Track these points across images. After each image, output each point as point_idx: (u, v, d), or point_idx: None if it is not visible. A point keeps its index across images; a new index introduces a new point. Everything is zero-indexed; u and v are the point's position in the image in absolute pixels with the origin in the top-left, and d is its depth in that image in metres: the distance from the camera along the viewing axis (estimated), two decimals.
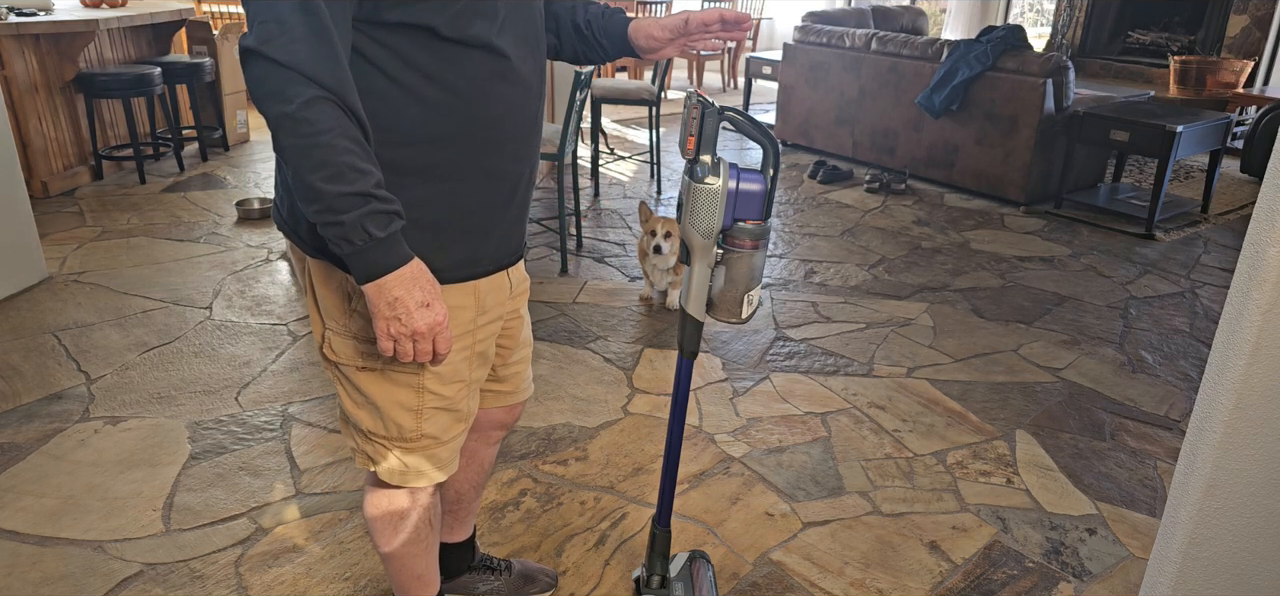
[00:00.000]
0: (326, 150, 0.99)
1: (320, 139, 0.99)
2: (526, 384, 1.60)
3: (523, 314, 1.49)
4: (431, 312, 1.10)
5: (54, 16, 4.31)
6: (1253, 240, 1.11)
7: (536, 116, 1.28)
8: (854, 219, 4.64)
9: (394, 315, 1.08)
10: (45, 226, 3.92)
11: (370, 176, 1.03)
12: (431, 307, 1.10)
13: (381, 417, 1.28)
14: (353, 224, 1.02)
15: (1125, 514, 2.22)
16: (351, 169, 1.01)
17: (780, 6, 10.12)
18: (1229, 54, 8.15)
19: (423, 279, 1.10)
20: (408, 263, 1.08)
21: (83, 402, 2.56)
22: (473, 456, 1.64)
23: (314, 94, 0.98)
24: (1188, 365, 3.05)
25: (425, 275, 1.11)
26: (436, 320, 1.11)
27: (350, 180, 1.00)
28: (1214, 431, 1.18)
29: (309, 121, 0.98)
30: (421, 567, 1.49)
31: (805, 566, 1.98)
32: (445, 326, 1.12)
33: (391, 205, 1.05)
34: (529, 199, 1.35)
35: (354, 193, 1.01)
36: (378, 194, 1.03)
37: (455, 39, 1.10)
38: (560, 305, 3.37)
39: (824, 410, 2.67)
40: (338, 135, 1.00)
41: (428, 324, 1.10)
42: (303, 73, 0.97)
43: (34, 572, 1.88)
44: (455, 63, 1.12)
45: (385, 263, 1.06)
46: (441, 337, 1.13)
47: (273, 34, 0.97)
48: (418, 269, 1.10)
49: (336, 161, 1.00)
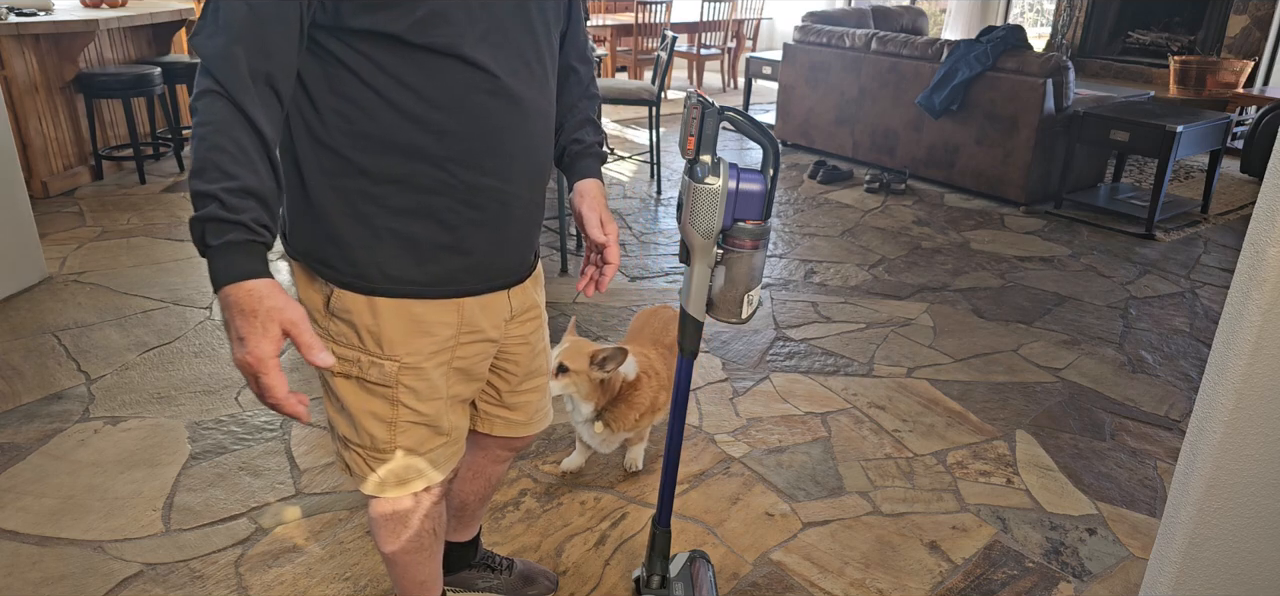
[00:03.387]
0: (200, 144, 0.99)
1: (200, 131, 0.99)
2: (540, 415, 1.54)
3: (531, 341, 1.43)
4: (243, 348, 0.99)
5: (54, 16, 4.31)
6: (1253, 240, 1.11)
7: (534, 136, 1.23)
8: (854, 219, 4.64)
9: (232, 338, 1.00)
10: (45, 226, 3.92)
11: (231, 180, 0.97)
12: (244, 343, 0.98)
13: (356, 426, 1.27)
14: (195, 224, 0.98)
15: (1125, 514, 2.22)
16: (214, 166, 0.97)
17: (780, 6, 10.13)
18: (1229, 54, 8.15)
19: (245, 307, 0.98)
20: (235, 284, 0.97)
21: (83, 402, 2.56)
22: (479, 472, 1.62)
23: (207, 86, 1.00)
24: (1188, 365, 3.05)
25: (248, 304, 0.98)
26: (247, 360, 0.99)
27: (208, 178, 0.97)
28: (1214, 431, 1.18)
29: (197, 112, 1.00)
30: (424, 574, 1.49)
31: (805, 566, 1.98)
32: (266, 371, 0.99)
33: (236, 216, 0.96)
34: (532, 221, 1.30)
35: (205, 191, 0.97)
36: (225, 199, 0.96)
37: (423, 46, 1.07)
38: (560, 305, 3.37)
39: (824, 410, 2.67)
40: (217, 131, 0.98)
41: (239, 360, 1.00)
42: (205, 64, 1.01)
43: (34, 572, 1.88)
44: (432, 72, 1.09)
45: (217, 277, 0.98)
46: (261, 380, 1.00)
47: (201, 25, 1.01)
48: (245, 295, 0.98)
49: (204, 157, 0.98)
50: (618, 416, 2.08)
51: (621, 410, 2.08)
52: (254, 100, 1.01)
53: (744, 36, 9.25)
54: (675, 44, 4.76)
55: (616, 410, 2.07)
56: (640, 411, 2.12)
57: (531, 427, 1.54)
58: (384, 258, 1.17)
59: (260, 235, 1.00)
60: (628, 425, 2.10)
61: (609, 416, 2.08)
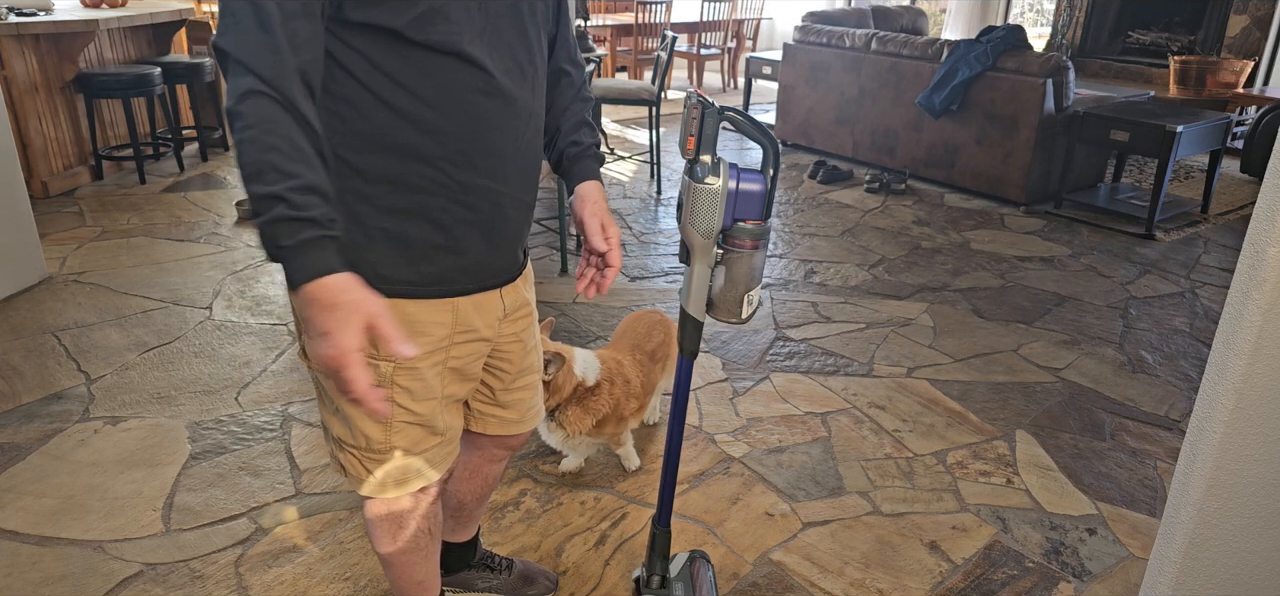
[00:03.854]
0: (251, 147, 0.96)
1: (247, 135, 0.97)
2: (533, 412, 1.56)
3: (523, 339, 1.44)
4: (327, 343, 0.97)
5: (54, 16, 4.31)
6: (1253, 240, 1.11)
7: (525, 136, 1.23)
8: (854, 219, 4.64)
9: (312, 336, 0.99)
10: (45, 226, 3.92)
11: (293, 179, 0.96)
12: (329, 338, 0.97)
13: (351, 428, 1.27)
14: (265, 227, 0.96)
15: (1125, 514, 2.22)
16: (272, 168, 0.96)
17: (780, 6, 10.13)
18: (1229, 54, 8.15)
19: (327, 302, 0.97)
20: (314, 280, 0.97)
21: (83, 402, 2.56)
22: (476, 471, 1.62)
23: (250, 86, 0.97)
24: (1188, 365, 3.05)
25: (329, 299, 0.97)
26: (330, 355, 0.97)
27: (268, 180, 0.96)
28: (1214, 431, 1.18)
29: (241, 115, 0.97)
30: (421, 574, 1.49)
31: (805, 566, 1.98)
32: (349, 364, 0.97)
33: (304, 213, 0.96)
34: (524, 222, 1.31)
35: (268, 193, 0.95)
36: (290, 198, 0.95)
37: (421, 43, 1.07)
38: (560, 305, 3.37)
39: (824, 410, 2.67)
40: (265, 131, 0.97)
41: (323, 356, 0.98)
42: (243, 63, 0.97)
43: (34, 572, 1.88)
44: (427, 71, 1.09)
45: (295, 276, 0.97)
46: (345, 374, 0.98)
47: (227, 26, 0.98)
48: (326, 290, 0.97)
49: (259, 159, 0.96)
50: (571, 418, 2.05)
51: (575, 412, 2.04)
52: (299, 93, 1.00)
53: (744, 36, 9.25)
54: (675, 44, 4.76)
55: (570, 411, 2.04)
56: (598, 417, 2.07)
57: (524, 425, 1.54)
58: (377, 258, 1.16)
59: (331, 230, 0.99)
60: (584, 429, 2.05)
61: (561, 417, 2.05)
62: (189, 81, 5.09)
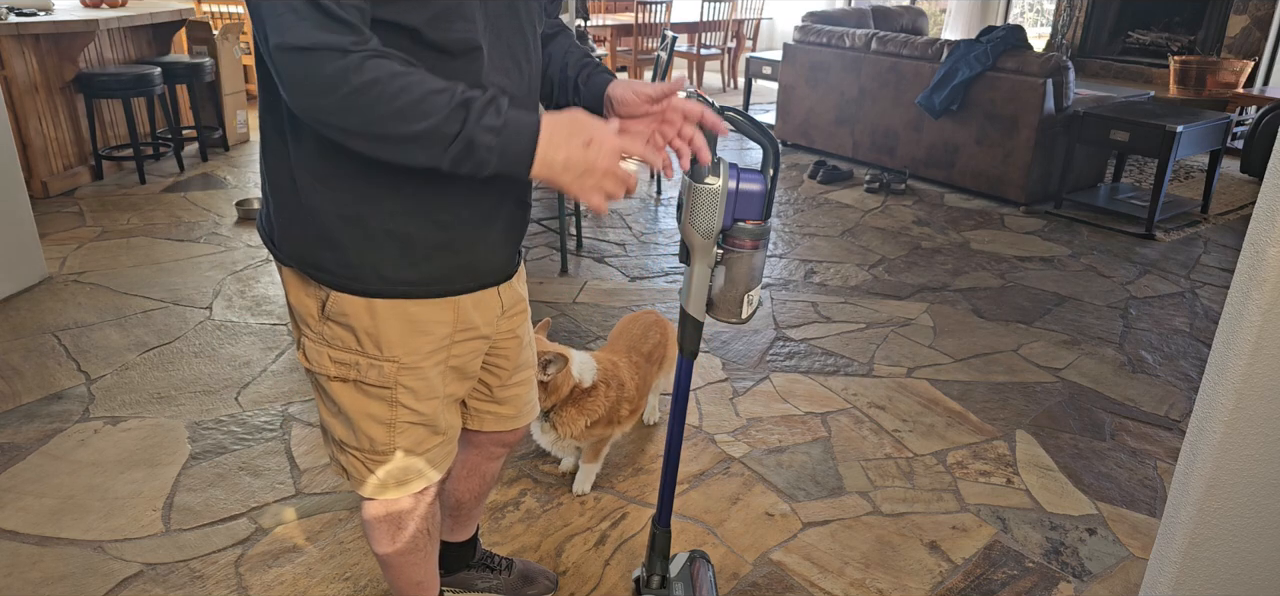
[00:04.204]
0: (402, 93, 0.96)
1: (392, 88, 0.96)
2: (528, 407, 1.56)
3: (520, 335, 1.45)
4: (599, 143, 1.05)
5: (54, 16, 4.31)
6: (1253, 240, 1.11)
7: None
8: (854, 219, 4.64)
9: (580, 173, 1.04)
10: (45, 226, 3.92)
11: (450, 89, 0.99)
12: (596, 139, 1.05)
13: (354, 429, 1.27)
14: (474, 136, 0.99)
15: (1125, 514, 2.22)
16: (432, 93, 0.98)
17: (780, 6, 10.13)
18: (1229, 54, 8.15)
19: (565, 123, 1.05)
20: (541, 125, 1.03)
21: (83, 402, 2.56)
22: (474, 470, 1.63)
23: (354, 62, 0.95)
24: (1188, 365, 3.05)
25: (565, 118, 1.05)
26: (610, 148, 1.05)
27: (439, 103, 0.97)
28: (1214, 431, 1.18)
29: (370, 85, 0.95)
30: (420, 574, 1.49)
31: (805, 566, 1.98)
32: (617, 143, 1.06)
33: (487, 93, 1.01)
34: (520, 219, 1.32)
35: (452, 108, 0.98)
36: (469, 95, 0.99)
37: (436, 44, 1.07)
38: (560, 305, 3.37)
39: (824, 410, 2.67)
40: (399, 77, 0.97)
41: (606, 156, 1.05)
42: (331, 48, 0.95)
43: (34, 572, 1.88)
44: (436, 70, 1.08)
45: (525, 141, 1.02)
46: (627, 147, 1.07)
47: (291, 23, 0.94)
48: (554, 120, 1.04)
49: (417, 97, 0.97)
50: (565, 419, 2.03)
51: (570, 413, 2.03)
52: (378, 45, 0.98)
53: (744, 36, 9.25)
54: (675, 44, 4.76)
55: (565, 412, 2.03)
56: (592, 419, 2.05)
57: (521, 420, 1.55)
58: (379, 259, 1.16)
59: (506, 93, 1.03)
60: (575, 431, 2.04)
61: (556, 417, 2.03)
62: (189, 81, 5.09)
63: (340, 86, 0.95)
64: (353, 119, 0.97)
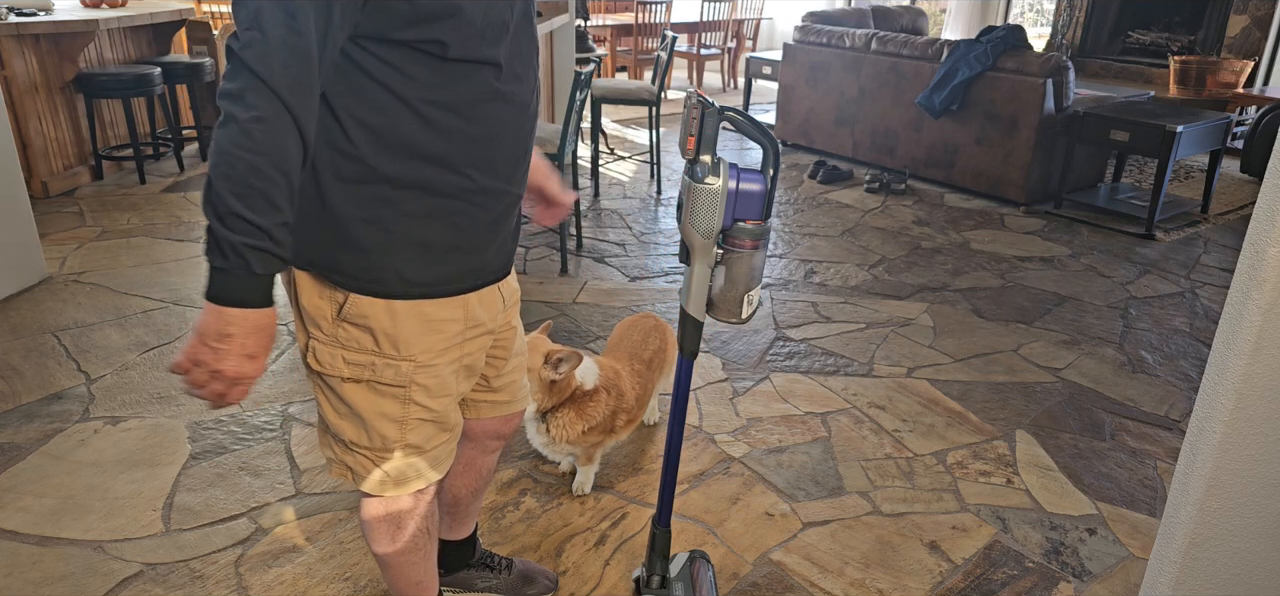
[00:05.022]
0: (250, 171, 0.98)
1: (250, 157, 0.97)
2: (522, 394, 1.60)
3: (515, 324, 1.49)
4: (252, 365, 1.07)
5: (54, 16, 4.31)
6: (1253, 240, 1.11)
7: (528, 137, 1.28)
8: (854, 219, 4.64)
9: (215, 346, 1.05)
10: (45, 226, 3.92)
11: (279, 214, 1.01)
12: (255, 360, 1.07)
13: (366, 428, 1.28)
14: (237, 247, 1.00)
15: (1125, 514, 2.22)
16: (265, 199, 0.99)
17: (780, 6, 10.13)
18: (1229, 54, 8.15)
19: (265, 331, 1.07)
20: (265, 308, 1.06)
21: (83, 402, 2.56)
22: (470, 464, 1.63)
23: (269, 113, 0.97)
24: (1188, 365, 3.05)
25: (269, 330, 1.08)
26: (251, 373, 1.08)
27: (258, 209, 0.99)
28: (1214, 431, 1.18)
29: (250, 136, 0.97)
30: (419, 574, 1.49)
31: (805, 566, 1.98)
32: (250, 384, 1.10)
33: (283, 252, 1.03)
34: (519, 218, 1.35)
35: (254, 222, 0.99)
36: (276, 235, 1.01)
37: (461, 58, 1.10)
38: (560, 305, 3.37)
39: (824, 410, 2.67)
40: (270, 162, 0.99)
41: (238, 372, 1.07)
42: (269, 85, 0.97)
43: (34, 572, 1.88)
44: (457, 81, 1.12)
45: (244, 297, 1.04)
46: (238, 390, 1.09)
47: (254, 40, 0.97)
48: (267, 320, 1.07)
49: (254, 185, 0.98)
50: (564, 422, 2.00)
51: (569, 416, 2.00)
52: (311, 115, 1.01)
53: (744, 36, 9.25)
54: (675, 44, 4.76)
55: (564, 415, 2.00)
56: (590, 424, 2.03)
57: (515, 406, 1.57)
58: (401, 262, 1.18)
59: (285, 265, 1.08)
60: (573, 436, 2.01)
61: (554, 419, 2.00)
62: (189, 81, 5.09)
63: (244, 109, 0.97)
64: (222, 129, 0.99)
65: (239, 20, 0.98)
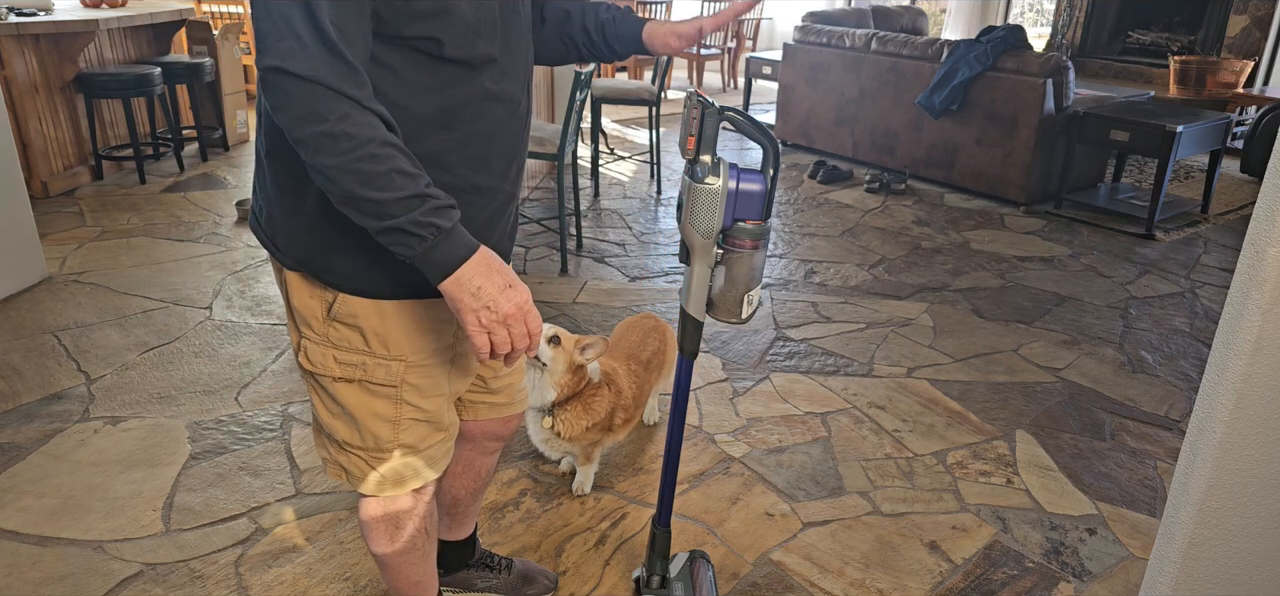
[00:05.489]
0: (371, 161, 0.98)
1: (363, 151, 0.97)
2: (521, 396, 1.60)
3: None
4: (517, 293, 1.08)
5: (54, 16, 4.31)
6: (1253, 240, 1.11)
7: (522, 135, 1.28)
8: (854, 219, 4.64)
9: (481, 304, 1.06)
10: (45, 226, 3.92)
11: (419, 177, 1.01)
12: (514, 288, 1.08)
13: (358, 428, 1.27)
14: (417, 224, 1.00)
15: (1125, 514, 2.22)
16: (399, 173, 0.99)
17: (780, 6, 10.13)
18: (1229, 54, 8.15)
19: (495, 262, 1.08)
20: (478, 250, 1.07)
21: (83, 402, 2.56)
22: (469, 465, 1.63)
23: (345, 109, 0.97)
24: (1188, 365, 3.05)
25: (497, 259, 1.09)
26: (523, 300, 1.09)
27: (402, 185, 0.99)
28: (1214, 431, 1.18)
29: (349, 136, 0.96)
30: (418, 574, 1.49)
31: (805, 566, 1.98)
32: (530, 304, 1.10)
33: (446, 199, 1.04)
34: (515, 215, 1.34)
35: (409, 195, 1.00)
36: (432, 191, 1.02)
37: (456, 58, 1.09)
38: (560, 305, 3.37)
39: (824, 410, 2.67)
40: (378, 144, 0.98)
41: (516, 305, 1.08)
42: (328, 86, 0.96)
43: (34, 572, 1.88)
44: (453, 81, 1.11)
45: (457, 254, 1.04)
46: (531, 317, 1.10)
47: (292, 50, 0.95)
48: (488, 254, 1.08)
49: (385, 170, 0.98)
50: (570, 416, 2.03)
51: (576, 411, 2.03)
52: (371, 99, 1.00)
53: (744, 36, 9.25)
54: None
55: (572, 408, 2.03)
56: (593, 420, 2.05)
57: (514, 408, 1.57)
58: (391, 261, 1.17)
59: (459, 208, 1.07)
60: (577, 431, 2.03)
61: (562, 412, 2.02)
62: (189, 81, 5.09)
63: (323, 123, 0.96)
64: (321, 156, 0.98)
65: (264, 30, 0.96)
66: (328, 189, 1.00)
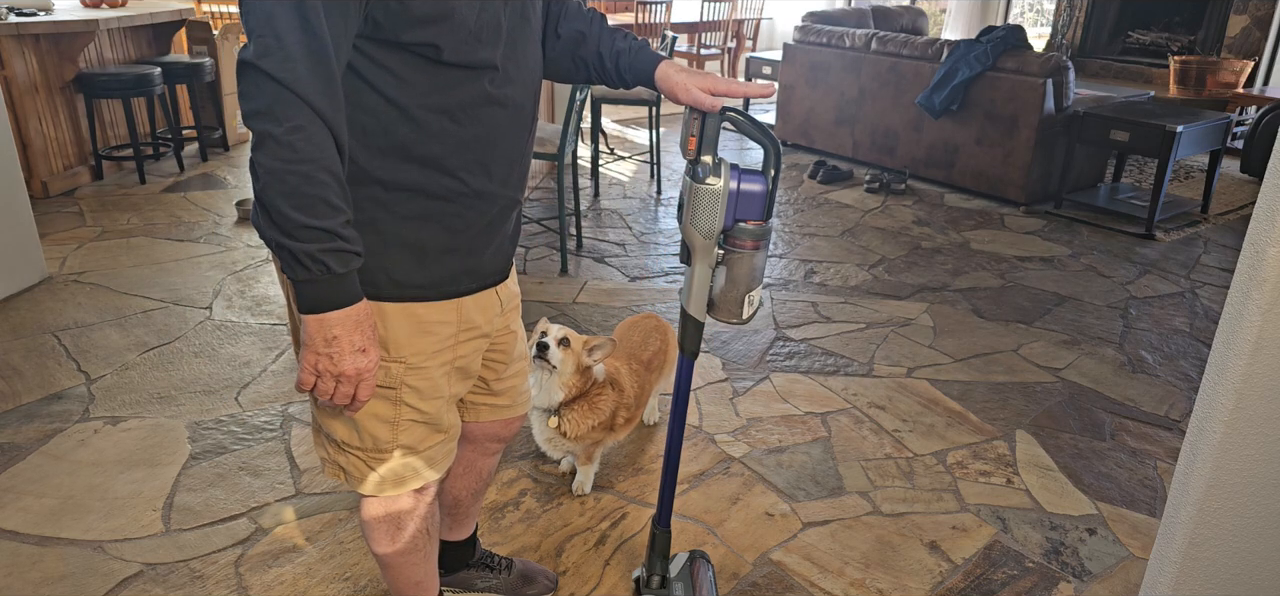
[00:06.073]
0: (303, 180, 0.98)
1: (300, 168, 0.97)
2: (523, 398, 1.59)
3: (515, 329, 1.48)
4: (365, 358, 1.10)
5: (54, 16, 4.31)
6: (1253, 240, 1.11)
7: (527, 141, 1.28)
8: (854, 219, 4.64)
9: (327, 352, 1.08)
10: (45, 226, 3.92)
11: (340, 214, 1.02)
12: (366, 353, 1.10)
13: (357, 429, 1.28)
14: (312, 255, 1.01)
15: (1125, 514, 2.22)
16: (324, 203, 1.00)
17: (780, 6, 10.12)
18: (1229, 54, 8.15)
19: (366, 323, 1.10)
20: (357, 303, 1.08)
21: (83, 402, 2.55)
22: (470, 466, 1.63)
23: (303, 120, 0.97)
24: (1188, 365, 3.05)
25: (369, 320, 1.11)
26: (366, 367, 1.11)
27: (320, 214, 1.00)
28: (1214, 431, 1.18)
29: (293, 148, 0.97)
30: (419, 574, 1.49)
31: (805, 566, 1.98)
32: (372, 375, 1.12)
33: (355, 246, 1.05)
34: (517, 220, 1.35)
35: (320, 227, 1.00)
36: (344, 233, 1.03)
37: (456, 62, 1.09)
38: (560, 305, 3.37)
39: (824, 410, 2.67)
40: (318, 167, 0.99)
41: (356, 368, 1.10)
42: (297, 92, 0.96)
43: (34, 572, 1.88)
44: (453, 86, 1.12)
45: (335, 299, 1.05)
46: (365, 385, 1.12)
47: (271, 48, 0.95)
48: (364, 312, 1.09)
49: (311, 193, 0.98)
50: (575, 417, 2.04)
51: (582, 411, 2.04)
52: (341, 115, 1.01)
53: (744, 36, 9.24)
54: (675, 44, 4.76)
55: (578, 409, 2.04)
56: (598, 420, 2.06)
57: (516, 410, 1.57)
58: (392, 264, 1.18)
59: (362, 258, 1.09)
60: (582, 430, 2.05)
61: (567, 412, 2.03)
62: (189, 81, 5.09)
63: (276, 125, 0.97)
64: (261, 152, 0.98)
65: (250, 26, 0.96)
66: (253, 181, 1.01)
